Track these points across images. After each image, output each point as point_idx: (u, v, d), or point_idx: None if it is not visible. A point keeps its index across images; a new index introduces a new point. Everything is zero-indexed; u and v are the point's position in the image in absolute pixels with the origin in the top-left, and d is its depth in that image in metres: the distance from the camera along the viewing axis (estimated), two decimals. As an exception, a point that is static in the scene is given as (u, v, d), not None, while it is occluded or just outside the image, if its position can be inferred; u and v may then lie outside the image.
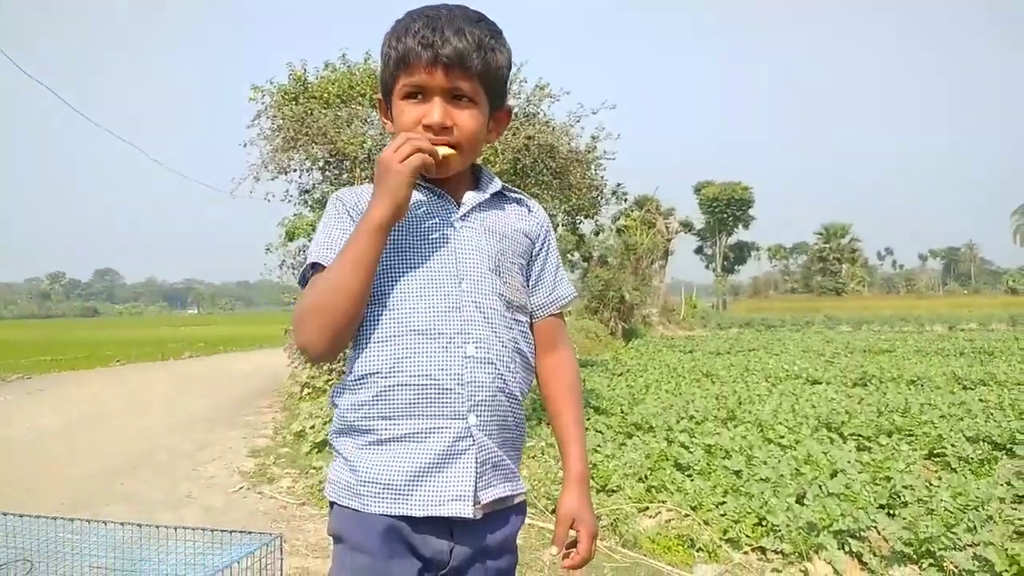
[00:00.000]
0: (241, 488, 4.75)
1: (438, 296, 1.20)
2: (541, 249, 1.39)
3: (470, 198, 1.30)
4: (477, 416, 1.18)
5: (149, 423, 7.27)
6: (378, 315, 1.20)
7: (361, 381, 1.20)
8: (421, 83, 1.20)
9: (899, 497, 4.03)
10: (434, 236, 1.24)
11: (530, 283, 1.36)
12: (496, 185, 1.34)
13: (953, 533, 3.28)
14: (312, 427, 5.71)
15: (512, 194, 1.38)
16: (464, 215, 1.27)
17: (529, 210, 1.39)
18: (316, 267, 1.22)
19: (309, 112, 7.35)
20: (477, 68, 1.20)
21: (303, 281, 1.25)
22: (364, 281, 1.14)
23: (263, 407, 8.32)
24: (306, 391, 7.74)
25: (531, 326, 1.36)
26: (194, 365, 15.09)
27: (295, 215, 7.99)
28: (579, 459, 1.31)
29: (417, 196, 1.26)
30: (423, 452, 1.16)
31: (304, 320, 1.17)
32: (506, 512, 1.26)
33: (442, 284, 1.20)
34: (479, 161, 1.38)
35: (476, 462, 1.17)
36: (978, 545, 3.19)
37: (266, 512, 4.25)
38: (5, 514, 1.66)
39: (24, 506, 4.33)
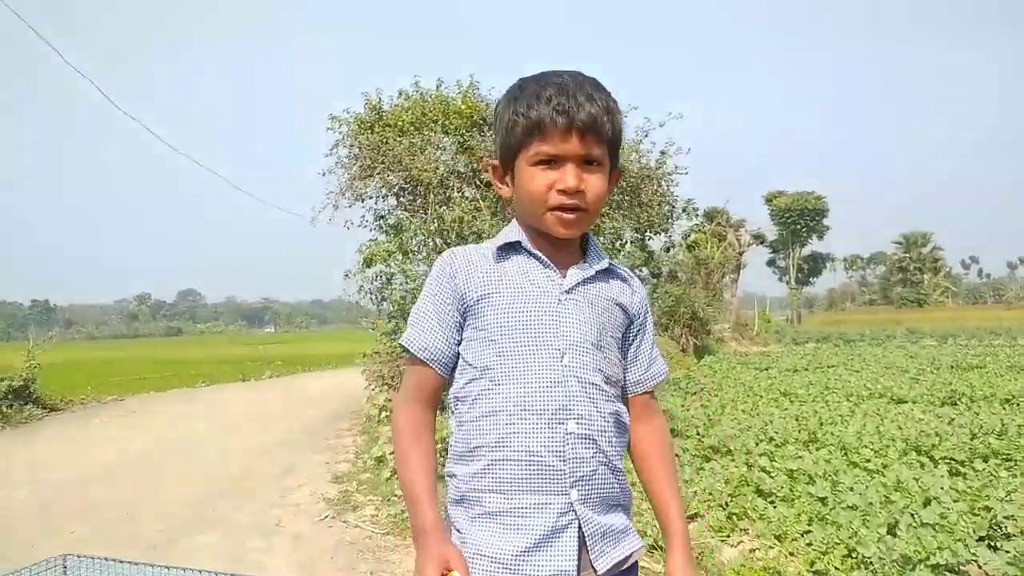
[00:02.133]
0: (327, 516, 4.86)
1: (540, 371, 1.22)
2: (640, 327, 1.41)
3: (576, 273, 1.31)
4: (579, 491, 1.21)
5: (236, 446, 7.54)
6: (483, 388, 1.24)
7: (471, 453, 1.25)
8: (556, 151, 1.21)
9: (1000, 528, 3.84)
10: (539, 310, 1.26)
11: (626, 359, 1.39)
12: (603, 263, 1.36)
13: (1063, 569, 3.11)
14: (392, 453, 5.81)
15: (616, 270, 1.40)
16: (570, 289, 1.29)
17: (630, 286, 1.40)
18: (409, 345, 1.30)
19: (384, 140, 7.57)
20: (608, 133, 1.23)
21: (404, 350, 1.32)
22: None
23: (343, 430, 8.51)
24: (384, 414, 7.89)
25: (624, 400, 1.39)
26: (274, 385, 15.57)
27: (371, 241, 8.21)
28: (679, 518, 1.33)
29: (524, 263, 1.30)
30: (529, 528, 1.19)
31: (396, 450, 1.29)
32: (624, 572, 1.28)
33: (545, 359, 1.23)
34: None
35: (581, 536, 1.21)
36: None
37: (352, 542, 4.33)
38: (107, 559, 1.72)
39: (125, 531, 4.59)
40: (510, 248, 1.32)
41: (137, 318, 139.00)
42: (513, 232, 1.33)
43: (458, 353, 1.30)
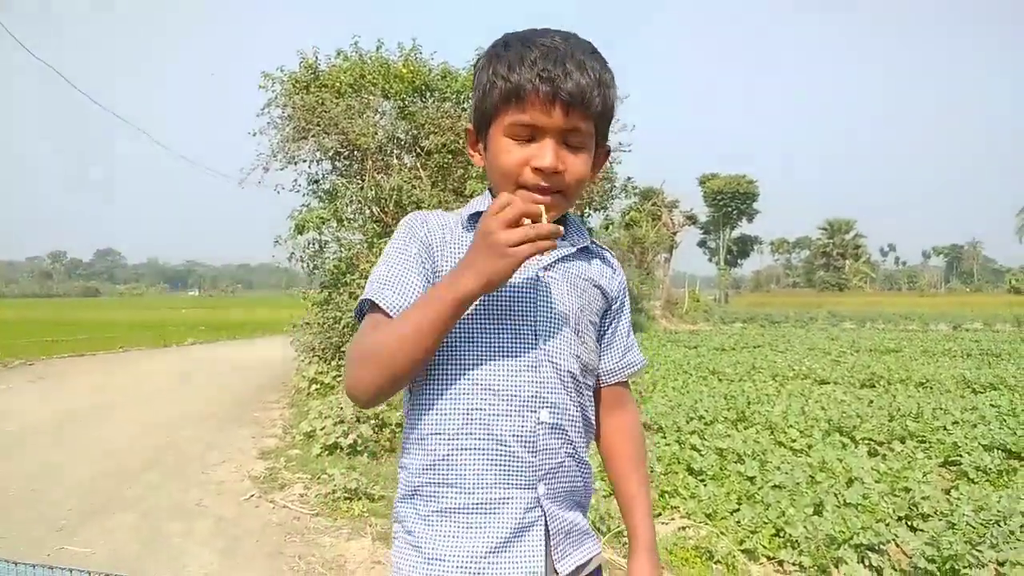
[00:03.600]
0: (252, 496, 4.65)
1: (514, 353, 1.09)
2: (618, 312, 1.30)
3: (557, 248, 1.18)
4: (546, 485, 1.11)
5: (156, 418, 7.19)
6: (447, 368, 1.10)
7: (425, 441, 1.11)
8: (535, 122, 1.07)
9: (918, 508, 3.98)
10: (515, 285, 1.12)
11: (601, 345, 1.27)
12: (584, 239, 1.24)
13: (978, 550, 3.22)
14: (323, 428, 5.62)
15: (596, 249, 1.28)
16: (549, 265, 1.17)
17: (611, 267, 1.29)
18: (375, 306, 1.10)
19: (320, 101, 7.27)
20: (597, 108, 1.08)
21: (359, 314, 1.14)
22: (431, 350, 1.03)
23: (270, 402, 8.21)
24: (314, 387, 7.66)
25: (596, 390, 1.28)
26: (198, 352, 15.05)
27: (304, 206, 7.92)
28: (648, 526, 1.24)
29: None
30: (491, 526, 1.08)
31: (358, 367, 1.06)
32: None
33: (519, 340, 1.10)
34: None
35: (547, 534, 1.10)
36: (1004, 564, 3.13)
37: (280, 523, 4.14)
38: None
39: (33, 509, 4.29)
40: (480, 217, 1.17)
41: (51, 277, 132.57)
42: (485, 202, 1.19)
43: None
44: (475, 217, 1.17)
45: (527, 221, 0.98)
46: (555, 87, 1.04)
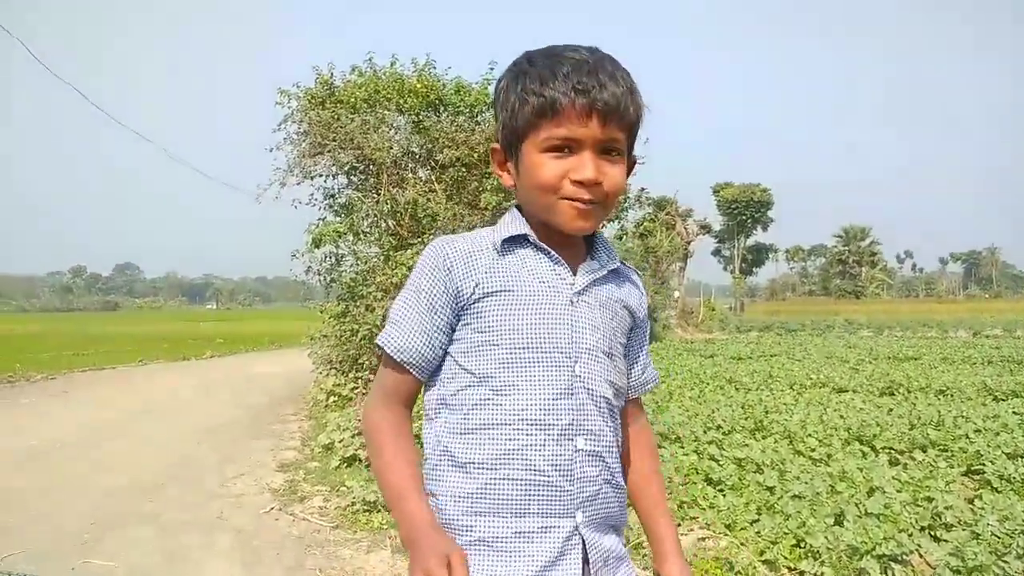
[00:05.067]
0: (272, 509, 4.66)
1: (549, 381, 1.09)
2: (639, 328, 1.30)
3: (587, 272, 1.18)
4: (584, 513, 1.10)
5: (174, 431, 7.25)
6: (481, 397, 1.10)
7: (462, 470, 1.10)
8: (573, 135, 1.06)
9: (941, 518, 3.94)
10: (550, 313, 1.12)
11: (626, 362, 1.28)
12: (615, 260, 1.23)
13: (1004, 561, 3.19)
14: (341, 440, 5.64)
15: (624, 270, 1.28)
16: (582, 290, 1.16)
17: (637, 287, 1.29)
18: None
19: (336, 117, 7.34)
20: (632, 118, 1.09)
21: (381, 348, 1.17)
22: None
23: (288, 415, 8.26)
24: (332, 399, 7.70)
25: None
26: (216, 366, 15.16)
27: (320, 220, 7.99)
28: (673, 531, 1.25)
29: (532, 259, 1.15)
30: (531, 555, 1.07)
31: (365, 435, 1.17)
32: None
33: (555, 368, 1.10)
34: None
35: (586, 561, 1.10)
36: (1029, 574, 3.09)
37: (299, 536, 4.15)
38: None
39: (53, 523, 4.34)
40: (514, 241, 1.16)
41: (71, 291, 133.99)
42: (518, 223, 1.17)
43: (444, 355, 1.16)
44: (510, 243, 1.16)
45: None
46: (591, 98, 1.04)
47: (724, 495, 4.43)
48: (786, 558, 3.59)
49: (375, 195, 7.74)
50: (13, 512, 4.53)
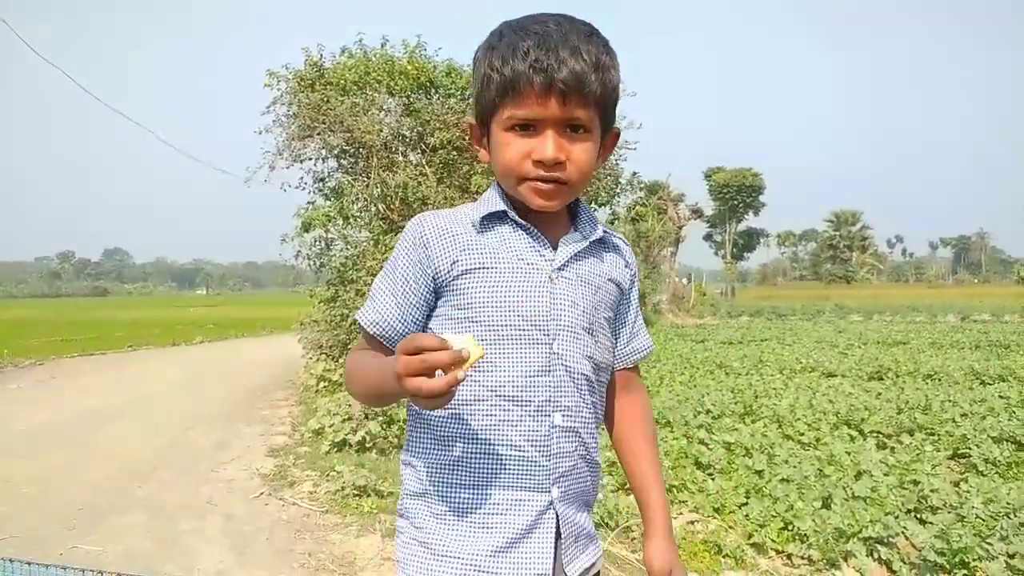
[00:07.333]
0: (262, 494, 4.66)
1: (527, 359, 1.10)
2: (624, 299, 1.28)
3: (568, 245, 1.17)
4: (559, 488, 1.12)
5: (164, 417, 7.22)
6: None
7: (438, 442, 1.12)
8: (532, 115, 1.05)
9: (926, 501, 3.98)
10: (528, 290, 1.11)
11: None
12: (598, 231, 1.20)
13: (988, 543, 3.22)
14: (331, 425, 5.63)
15: (611, 239, 1.25)
16: (561, 266, 1.15)
17: (624, 258, 1.27)
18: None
19: (326, 99, 7.27)
20: (595, 94, 1.05)
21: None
22: (389, 403, 1.11)
23: (278, 400, 8.24)
24: (322, 384, 7.68)
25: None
26: (206, 351, 15.11)
27: (309, 204, 7.93)
28: (663, 507, 1.23)
29: (511, 236, 1.14)
30: (503, 526, 1.09)
31: (347, 381, 1.19)
32: None
33: (533, 345, 1.10)
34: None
35: (558, 536, 1.11)
36: (1014, 556, 3.13)
37: (289, 521, 4.15)
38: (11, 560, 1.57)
39: (42, 509, 4.32)
40: (494, 218, 1.15)
41: (60, 277, 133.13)
42: (497, 199, 1.16)
43: (422, 329, 1.16)
44: (489, 219, 1.15)
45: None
46: (549, 77, 1.02)
47: (713, 479, 4.46)
48: (774, 541, 3.62)
49: (365, 179, 7.68)
50: (1, 498, 4.51)
